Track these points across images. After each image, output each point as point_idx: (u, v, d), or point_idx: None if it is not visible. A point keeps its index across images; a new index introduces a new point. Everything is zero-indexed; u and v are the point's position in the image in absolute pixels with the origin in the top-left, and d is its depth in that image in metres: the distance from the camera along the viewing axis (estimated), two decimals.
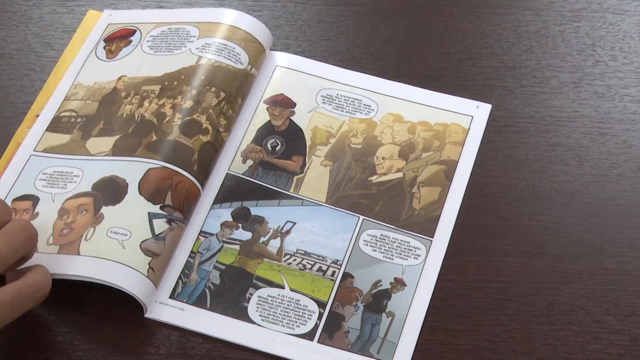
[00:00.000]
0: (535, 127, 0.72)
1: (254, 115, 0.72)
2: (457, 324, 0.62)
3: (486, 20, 0.78)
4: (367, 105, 0.73)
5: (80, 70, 0.75)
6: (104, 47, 0.76)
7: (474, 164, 0.70)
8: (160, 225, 0.64)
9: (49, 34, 0.77)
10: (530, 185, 0.69)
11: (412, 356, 0.61)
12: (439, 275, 0.64)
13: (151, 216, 0.64)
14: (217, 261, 0.65)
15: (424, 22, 0.78)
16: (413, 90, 0.74)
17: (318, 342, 0.62)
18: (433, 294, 0.64)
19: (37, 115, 0.72)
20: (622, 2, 0.79)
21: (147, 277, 0.62)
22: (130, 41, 0.75)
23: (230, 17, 0.75)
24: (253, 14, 0.77)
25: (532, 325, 0.62)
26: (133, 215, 0.64)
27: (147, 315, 0.62)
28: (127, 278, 0.61)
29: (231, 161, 0.70)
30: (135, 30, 0.76)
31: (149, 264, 0.62)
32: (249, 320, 0.62)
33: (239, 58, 0.72)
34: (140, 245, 0.63)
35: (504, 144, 0.71)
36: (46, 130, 0.71)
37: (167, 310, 0.63)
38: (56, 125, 0.71)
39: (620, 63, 0.75)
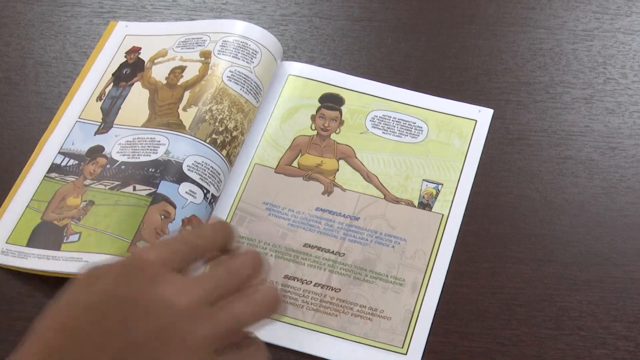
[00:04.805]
0: (548, 141, 0.72)
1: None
2: (470, 327, 0.63)
3: (502, 38, 0.78)
4: None
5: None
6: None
7: (484, 175, 0.70)
8: None
9: (86, 44, 0.78)
10: (542, 196, 0.69)
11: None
12: (454, 281, 0.65)
13: None
14: None
15: (442, 38, 0.79)
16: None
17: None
18: (447, 298, 0.64)
19: None
20: (633, 23, 0.79)
21: None
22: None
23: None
24: (280, 27, 0.78)
25: (542, 330, 0.63)
26: None
27: None
28: None
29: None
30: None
31: None
32: None
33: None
34: None
35: (518, 156, 0.71)
36: None
37: None
38: None
39: (630, 81, 0.76)
